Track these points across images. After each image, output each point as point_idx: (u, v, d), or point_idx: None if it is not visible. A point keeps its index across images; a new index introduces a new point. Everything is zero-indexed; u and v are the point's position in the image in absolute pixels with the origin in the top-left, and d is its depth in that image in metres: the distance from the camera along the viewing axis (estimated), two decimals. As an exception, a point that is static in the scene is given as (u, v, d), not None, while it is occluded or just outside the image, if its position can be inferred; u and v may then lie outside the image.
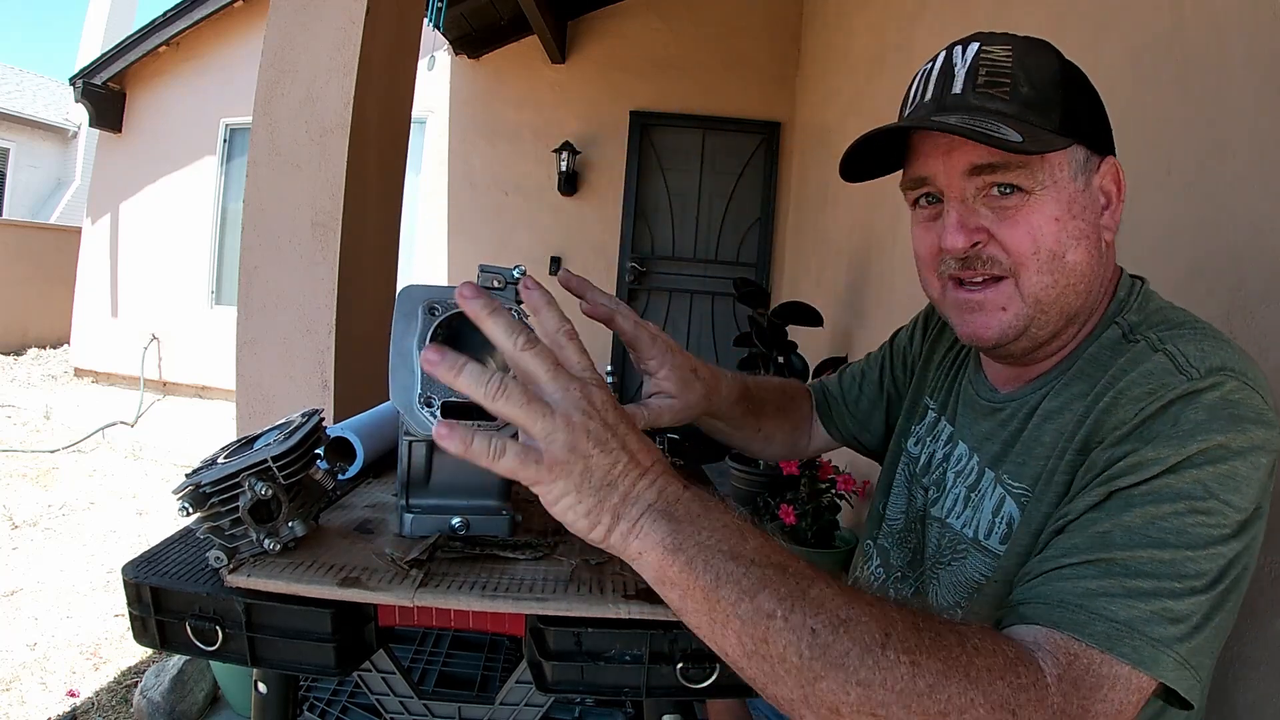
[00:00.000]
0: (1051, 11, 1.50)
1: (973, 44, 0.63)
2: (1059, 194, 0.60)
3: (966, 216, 0.62)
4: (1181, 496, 0.50)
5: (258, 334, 1.87)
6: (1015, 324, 0.63)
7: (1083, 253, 0.61)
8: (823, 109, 3.92)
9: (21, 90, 11.04)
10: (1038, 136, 0.58)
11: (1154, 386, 0.55)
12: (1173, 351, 0.56)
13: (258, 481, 0.60)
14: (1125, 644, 0.47)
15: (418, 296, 0.69)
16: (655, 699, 0.62)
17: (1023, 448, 0.65)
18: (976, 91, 0.60)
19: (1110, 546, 0.50)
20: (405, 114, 2.21)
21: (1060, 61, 0.62)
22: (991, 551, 0.66)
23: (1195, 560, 0.49)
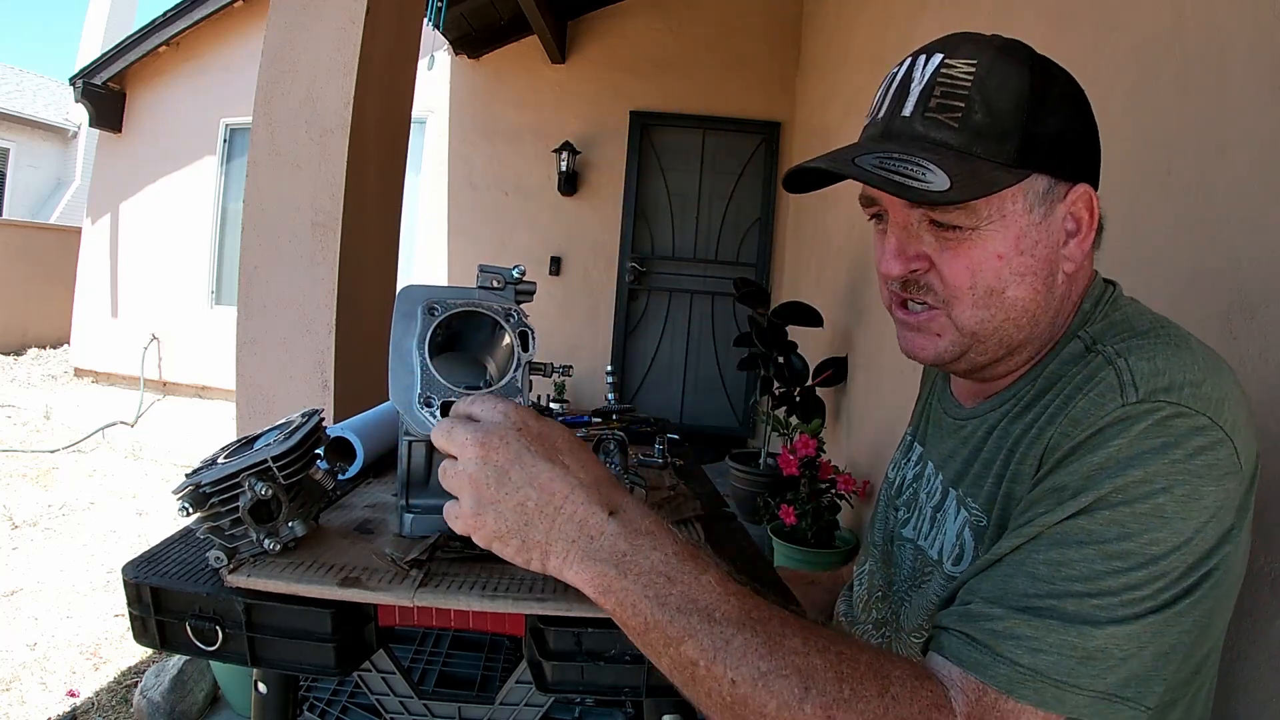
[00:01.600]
0: (1052, 11, 1.50)
1: (936, 55, 0.59)
2: (1006, 229, 0.57)
3: (905, 244, 0.60)
4: (1092, 540, 0.49)
5: (258, 334, 1.87)
6: (951, 350, 0.62)
7: (1026, 289, 0.58)
8: (823, 109, 3.92)
9: (21, 90, 11.04)
10: (975, 177, 0.54)
11: (1090, 409, 0.52)
12: (1122, 367, 0.53)
13: (258, 481, 0.60)
14: (1026, 686, 0.47)
15: (418, 296, 0.69)
16: (655, 699, 0.62)
17: (980, 466, 0.64)
18: (925, 117, 0.57)
19: (1020, 591, 0.49)
20: (405, 114, 2.21)
21: (1033, 78, 0.56)
22: (948, 574, 0.65)
23: (1108, 605, 0.47)
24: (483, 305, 0.70)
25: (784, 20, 4.82)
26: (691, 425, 4.82)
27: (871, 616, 0.80)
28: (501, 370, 0.70)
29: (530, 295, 0.74)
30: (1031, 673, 0.47)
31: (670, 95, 4.87)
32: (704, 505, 0.90)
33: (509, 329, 0.70)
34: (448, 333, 0.70)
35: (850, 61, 3.38)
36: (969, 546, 0.63)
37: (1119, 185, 1.11)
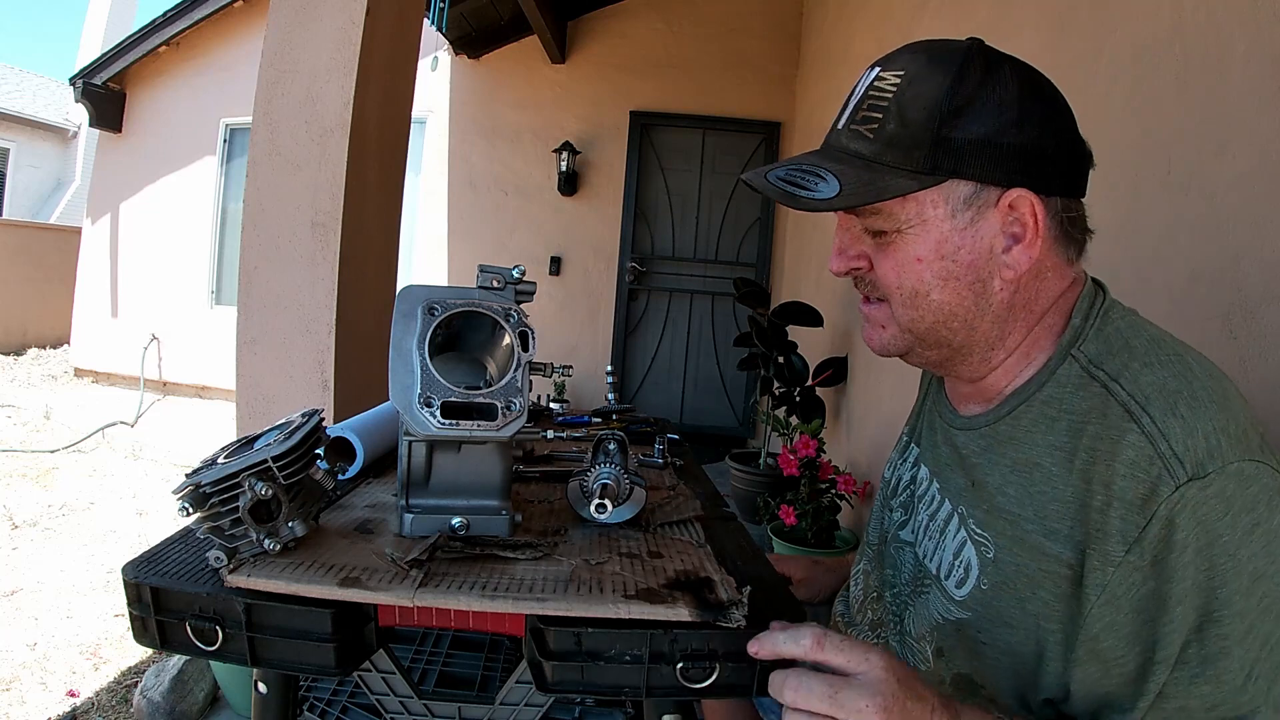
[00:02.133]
0: (1052, 12, 1.50)
1: (875, 68, 0.61)
2: (926, 234, 0.58)
3: (847, 245, 0.64)
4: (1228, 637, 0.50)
5: (258, 334, 1.87)
6: (895, 343, 0.65)
7: (949, 294, 0.59)
8: (823, 109, 3.92)
9: (21, 90, 11.04)
10: (871, 185, 0.57)
11: (1144, 491, 0.51)
12: (1152, 432, 0.52)
13: (258, 481, 0.60)
14: None
15: (418, 296, 0.69)
16: (655, 699, 0.62)
17: (986, 495, 0.63)
18: (850, 129, 0.60)
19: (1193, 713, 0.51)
20: (405, 114, 2.21)
21: (954, 87, 0.56)
22: (950, 595, 0.66)
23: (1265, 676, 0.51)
24: (483, 305, 0.70)
25: (784, 20, 4.82)
26: (691, 425, 4.83)
27: (868, 618, 0.81)
28: (501, 370, 0.70)
29: (530, 295, 0.74)
30: None
31: (670, 95, 4.87)
32: (704, 505, 0.90)
33: (509, 329, 0.70)
34: (448, 333, 0.70)
35: (850, 61, 3.38)
36: (973, 574, 0.63)
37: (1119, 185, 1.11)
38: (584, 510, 0.77)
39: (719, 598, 0.61)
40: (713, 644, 0.58)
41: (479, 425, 0.65)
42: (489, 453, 0.72)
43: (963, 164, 0.56)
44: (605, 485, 0.75)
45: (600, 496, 0.72)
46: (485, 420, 0.66)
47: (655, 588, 0.62)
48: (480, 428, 0.65)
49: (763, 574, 0.69)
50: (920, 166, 0.56)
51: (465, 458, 0.71)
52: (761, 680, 0.59)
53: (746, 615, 0.58)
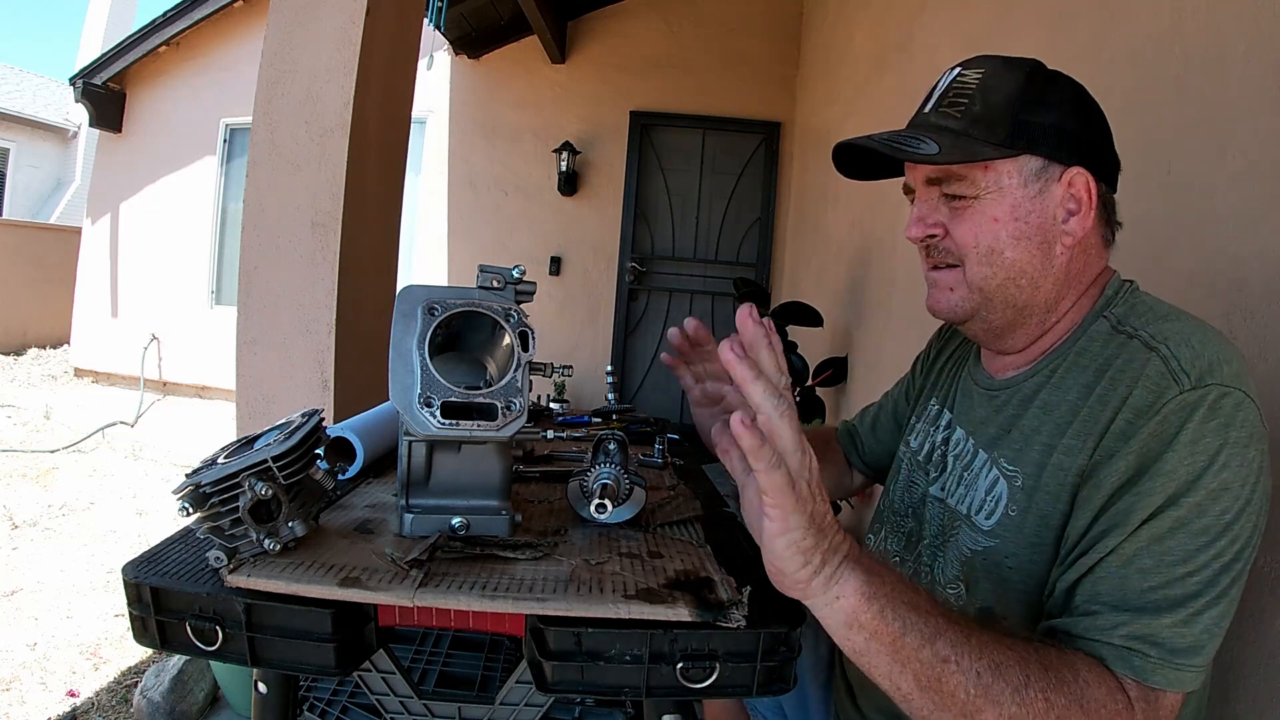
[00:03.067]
0: (1052, 12, 1.50)
1: (956, 68, 0.72)
2: (1002, 199, 0.68)
3: (925, 213, 0.73)
4: (1181, 525, 0.57)
5: (258, 334, 1.87)
6: (962, 305, 0.72)
7: (1022, 251, 0.68)
8: (823, 109, 3.92)
9: (21, 90, 11.04)
10: (962, 148, 0.67)
11: (1150, 399, 0.59)
12: (1166, 354, 0.60)
13: (258, 481, 0.60)
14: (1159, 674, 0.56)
15: (418, 296, 0.69)
16: (655, 699, 0.62)
17: (1020, 435, 0.70)
18: (938, 110, 0.71)
19: (1136, 589, 0.57)
20: (405, 114, 2.21)
21: (1028, 83, 0.68)
22: (978, 526, 0.71)
23: (1204, 578, 0.56)
24: (483, 305, 0.70)
25: (784, 20, 4.82)
26: (692, 425, 4.82)
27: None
28: (501, 370, 0.70)
29: (530, 295, 0.74)
30: (1160, 662, 0.55)
31: (670, 95, 4.87)
32: (704, 505, 0.90)
33: (509, 329, 0.70)
34: (448, 333, 0.70)
35: (850, 61, 3.38)
36: (1001, 502, 0.69)
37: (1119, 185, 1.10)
38: (584, 510, 0.77)
39: (719, 598, 0.61)
40: (713, 644, 0.58)
41: (479, 425, 0.65)
42: (489, 453, 0.72)
43: (1036, 142, 0.67)
44: (605, 485, 0.75)
45: (600, 496, 0.73)
46: (485, 420, 0.66)
47: (655, 588, 0.62)
48: (480, 428, 0.65)
49: (763, 574, 0.69)
50: (1003, 140, 0.67)
51: (465, 458, 0.71)
52: (761, 679, 0.59)
53: (746, 615, 0.59)
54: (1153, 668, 0.56)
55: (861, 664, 0.54)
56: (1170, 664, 0.56)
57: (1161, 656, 0.56)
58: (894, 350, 2.42)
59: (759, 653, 0.58)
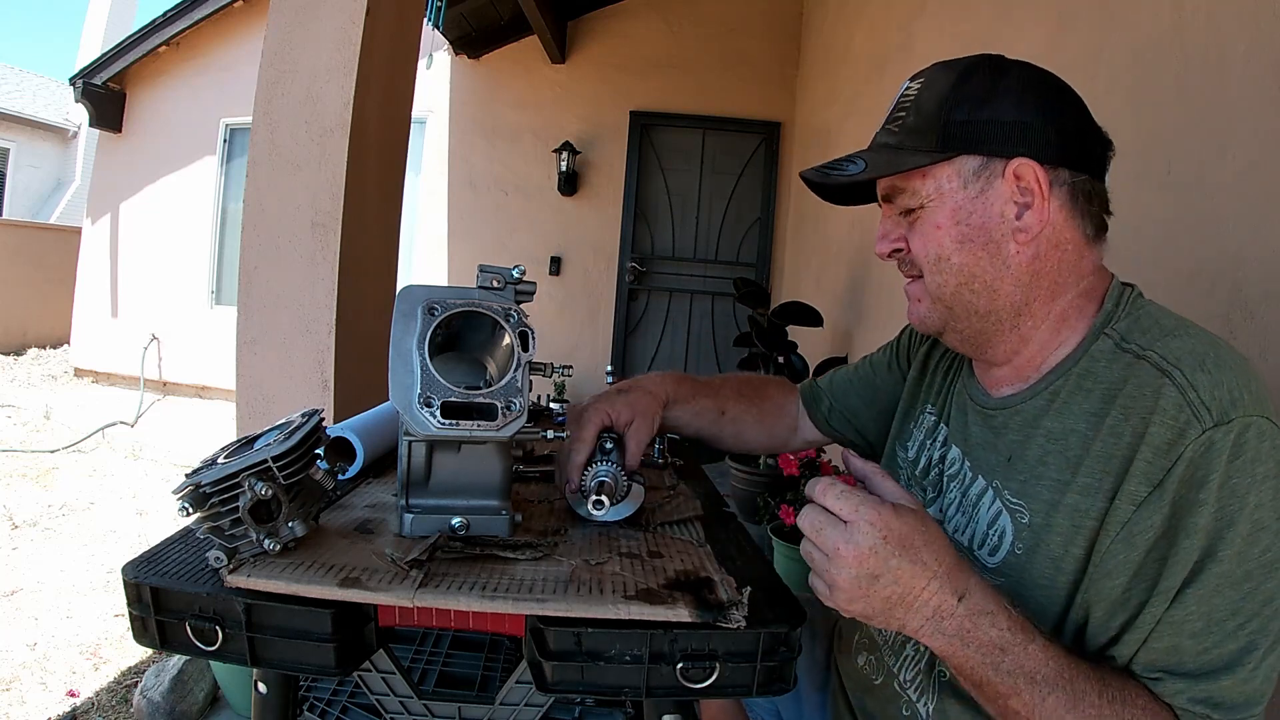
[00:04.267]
0: (1052, 12, 1.50)
1: (906, 81, 0.71)
2: (943, 205, 0.67)
3: (888, 230, 0.73)
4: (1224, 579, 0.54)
5: (258, 334, 1.87)
6: (930, 316, 0.72)
7: (968, 255, 0.66)
8: (823, 109, 3.92)
9: (21, 90, 11.03)
10: (890, 163, 0.68)
11: (1173, 436, 0.56)
12: (1184, 384, 0.56)
13: (258, 481, 0.60)
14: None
15: (418, 296, 0.69)
16: (655, 699, 0.62)
17: (1025, 467, 0.66)
18: (885, 128, 0.71)
19: (1188, 656, 0.56)
20: (405, 114, 2.21)
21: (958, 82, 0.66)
22: (980, 562, 0.68)
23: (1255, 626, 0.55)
24: (482, 305, 0.70)
25: (784, 20, 4.82)
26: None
27: None
28: (501, 370, 0.70)
29: (530, 295, 0.74)
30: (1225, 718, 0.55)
31: (670, 95, 4.87)
32: (704, 505, 0.90)
33: (509, 329, 0.70)
34: (448, 333, 0.70)
35: (850, 61, 3.38)
36: (1006, 540, 0.66)
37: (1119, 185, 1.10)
38: (581, 509, 0.77)
39: (719, 598, 0.61)
40: (713, 644, 0.58)
41: (479, 425, 0.65)
42: (489, 453, 0.71)
43: (969, 141, 0.65)
44: (603, 483, 0.75)
45: (598, 493, 0.72)
46: (485, 420, 0.66)
47: (655, 588, 0.62)
48: (480, 428, 0.65)
49: (763, 574, 0.69)
50: (934, 145, 0.65)
51: (465, 458, 0.71)
52: (761, 680, 0.59)
53: (746, 616, 0.58)
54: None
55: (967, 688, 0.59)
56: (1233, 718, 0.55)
57: (1224, 716, 0.55)
58: (894, 350, 2.42)
59: (759, 653, 0.58)
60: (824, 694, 0.96)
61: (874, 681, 0.80)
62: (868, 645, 0.82)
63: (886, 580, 0.55)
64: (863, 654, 0.83)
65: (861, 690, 0.82)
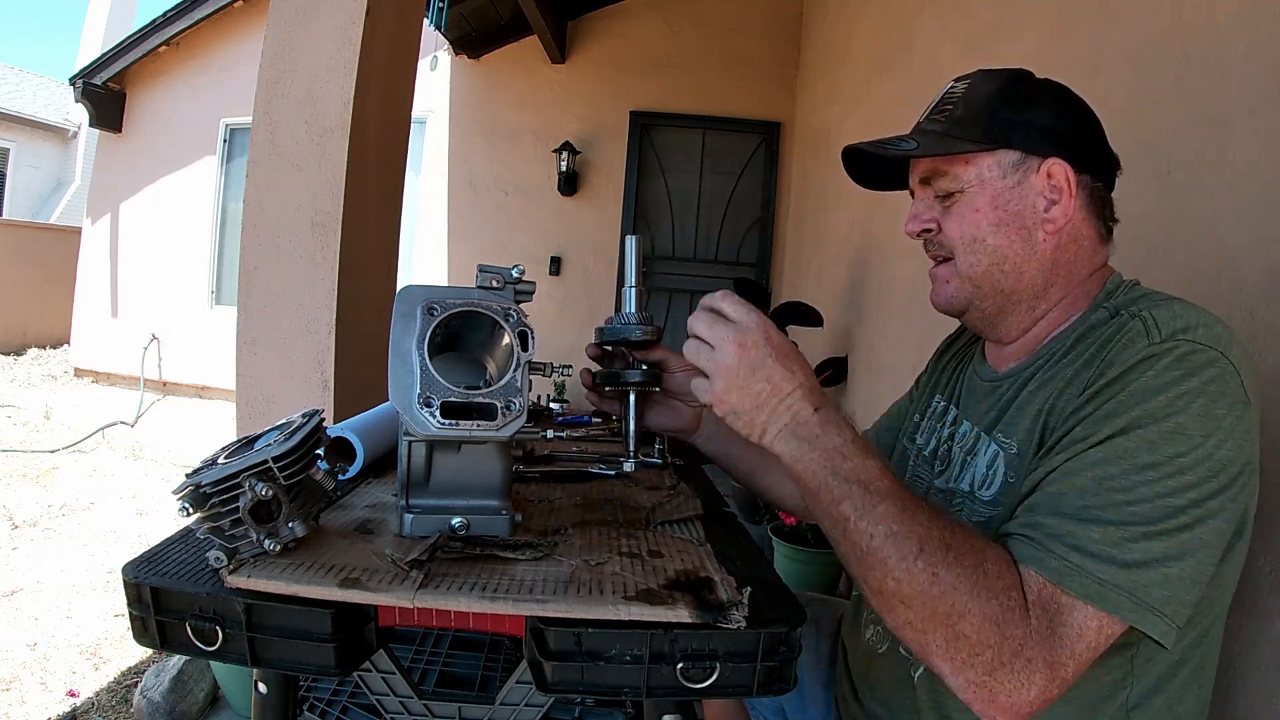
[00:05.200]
0: (1052, 12, 1.50)
1: (951, 81, 0.78)
2: (984, 190, 0.72)
3: (920, 210, 0.78)
4: (1127, 456, 0.58)
5: (258, 334, 1.87)
6: (958, 296, 0.76)
7: (1004, 238, 0.72)
8: (823, 109, 3.92)
9: (21, 90, 11.03)
10: (939, 145, 0.73)
11: (1120, 353, 0.62)
12: (1146, 317, 0.63)
13: (258, 482, 0.60)
14: (1073, 579, 0.56)
15: (417, 296, 0.69)
16: (655, 699, 0.62)
17: (1015, 411, 0.73)
18: (928, 118, 0.77)
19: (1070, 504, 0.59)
20: (405, 114, 2.21)
21: (1005, 86, 0.73)
22: (979, 499, 0.73)
23: (1144, 511, 0.56)
24: (482, 305, 0.70)
25: (784, 20, 4.82)
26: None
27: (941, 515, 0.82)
28: (501, 370, 0.70)
29: (529, 295, 0.74)
30: (1078, 568, 0.56)
31: (670, 95, 4.87)
32: (704, 505, 0.90)
33: (508, 329, 0.70)
34: (447, 333, 0.70)
35: (850, 61, 3.38)
36: (1000, 473, 0.72)
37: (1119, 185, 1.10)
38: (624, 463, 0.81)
39: (719, 598, 0.61)
40: (713, 644, 0.58)
41: (479, 425, 0.65)
42: (489, 453, 0.72)
43: (1012, 137, 0.71)
44: None
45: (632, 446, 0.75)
46: (485, 420, 0.66)
47: (655, 588, 0.62)
48: (480, 428, 0.65)
49: (763, 574, 0.69)
50: (980, 137, 0.72)
51: (465, 458, 0.71)
52: (761, 679, 0.59)
53: (746, 615, 0.59)
54: (1069, 571, 0.56)
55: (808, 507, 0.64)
56: (1092, 575, 0.55)
57: (1081, 563, 0.56)
58: (894, 350, 2.42)
59: (759, 653, 0.58)
60: (828, 690, 0.96)
61: (878, 650, 0.83)
62: (875, 618, 0.85)
63: (760, 375, 0.63)
64: (870, 626, 0.86)
65: (866, 660, 0.84)
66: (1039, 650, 0.55)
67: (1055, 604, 0.56)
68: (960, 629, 0.56)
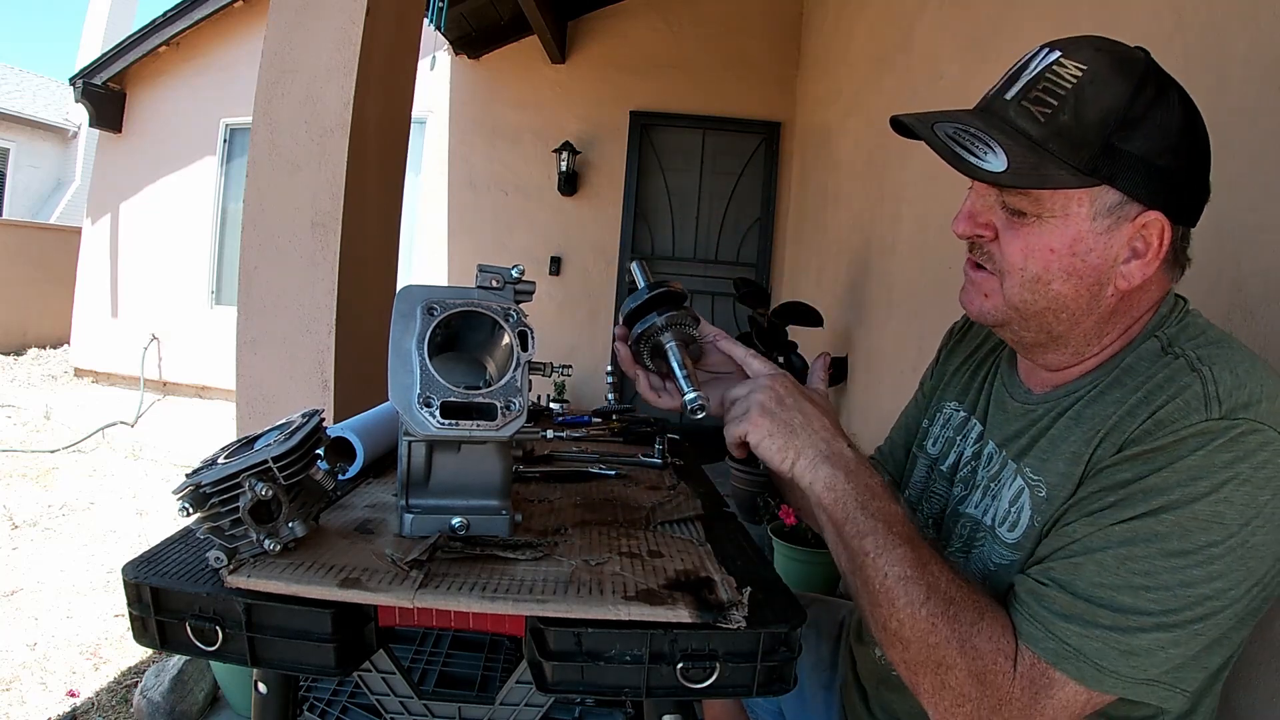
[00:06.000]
0: (1052, 11, 1.50)
1: (1055, 52, 0.63)
2: (1065, 228, 0.61)
3: (978, 210, 0.66)
4: (1156, 539, 0.54)
5: (258, 334, 1.87)
6: (993, 313, 0.67)
7: (1070, 288, 0.62)
8: (823, 109, 3.92)
9: (21, 90, 11.03)
10: (1036, 169, 0.59)
11: (1176, 416, 0.56)
12: (1208, 377, 0.57)
13: (258, 482, 0.60)
14: (1070, 663, 0.55)
15: (417, 296, 0.69)
16: (655, 699, 0.62)
17: (1048, 443, 0.67)
18: (1020, 104, 0.62)
19: (1086, 579, 0.56)
20: (405, 114, 2.21)
21: (1133, 98, 0.58)
22: (1001, 539, 0.69)
23: (1161, 600, 0.54)
24: (482, 305, 0.70)
25: (784, 20, 4.82)
26: (692, 425, 4.81)
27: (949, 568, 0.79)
28: (501, 370, 0.70)
29: (529, 295, 0.74)
30: (1076, 653, 0.55)
31: (670, 95, 4.87)
32: (704, 505, 0.90)
33: (508, 329, 0.70)
34: (447, 333, 0.70)
35: (850, 61, 3.38)
36: (1025, 515, 0.67)
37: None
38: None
39: (719, 598, 0.61)
40: (713, 644, 0.58)
41: (479, 425, 0.65)
42: (489, 453, 0.71)
43: (1119, 174, 0.59)
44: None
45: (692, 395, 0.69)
46: (485, 420, 0.66)
47: (655, 588, 0.62)
48: (480, 428, 0.65)
49: (763, 574, 0.69)
50: (1084, 165, 0.59)
51: (465, 458, 0.71)
52: (761, 680, 0.59)
53: (746, 616, 0.59)
54: (1067, 655, 0.55)
55: (824, 533, 0.66)
56: (1089, 661, 0.54)
57: (1081, 647, 0.54)
58: (894, 350, 2.42)
59: (759, 653, 0.58)
60: (830, 692, 0.96)
61: (892, 672, 0.78)
62: None
63: (794, 406, 0.66)
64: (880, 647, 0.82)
65: (878, 681, 0.82)
66: (1018, 714, 0.56)
67: (1046, 679, 0.55)
68: (947, 679, 0.58)
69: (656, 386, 0.77)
